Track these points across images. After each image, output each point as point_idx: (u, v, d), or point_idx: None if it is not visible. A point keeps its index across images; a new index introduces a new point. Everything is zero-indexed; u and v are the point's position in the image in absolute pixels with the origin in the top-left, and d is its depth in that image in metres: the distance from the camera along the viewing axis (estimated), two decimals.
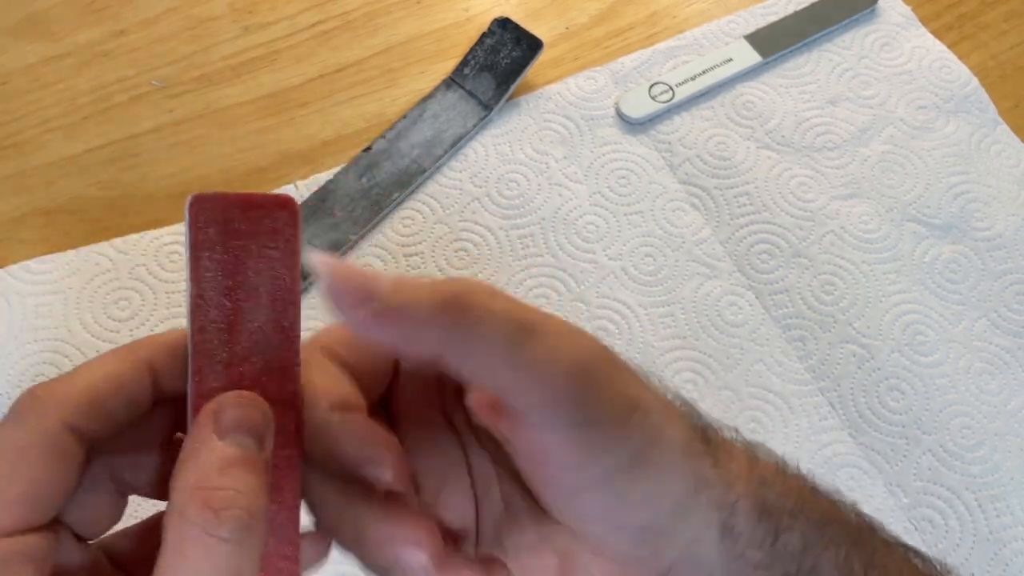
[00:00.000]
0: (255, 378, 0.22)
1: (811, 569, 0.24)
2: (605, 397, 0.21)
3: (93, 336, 0.46)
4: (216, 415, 0.20)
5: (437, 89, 0.55)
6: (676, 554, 0.23)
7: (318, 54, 0.57)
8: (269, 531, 0.20)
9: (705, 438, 0.24)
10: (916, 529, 0.43)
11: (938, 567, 0.28)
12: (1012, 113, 0.57)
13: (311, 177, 0.52)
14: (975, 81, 0.57)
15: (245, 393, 0.21)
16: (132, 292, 0.47)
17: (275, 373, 0.22)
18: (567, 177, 0.53)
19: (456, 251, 0.50)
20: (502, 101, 0.54)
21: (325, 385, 0.23)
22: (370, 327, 0.20)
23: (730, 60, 0.57)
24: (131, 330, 0.46)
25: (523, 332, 0.21)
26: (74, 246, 0.49)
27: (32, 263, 0.48)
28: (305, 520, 0.22)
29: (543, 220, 0.51)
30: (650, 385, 0.23)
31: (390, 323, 0.20)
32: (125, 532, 0.23)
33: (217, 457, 0.19)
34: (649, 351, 0.47)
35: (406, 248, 0.50)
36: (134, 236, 0.49)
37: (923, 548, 0.42)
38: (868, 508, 0.43)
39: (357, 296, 0.20)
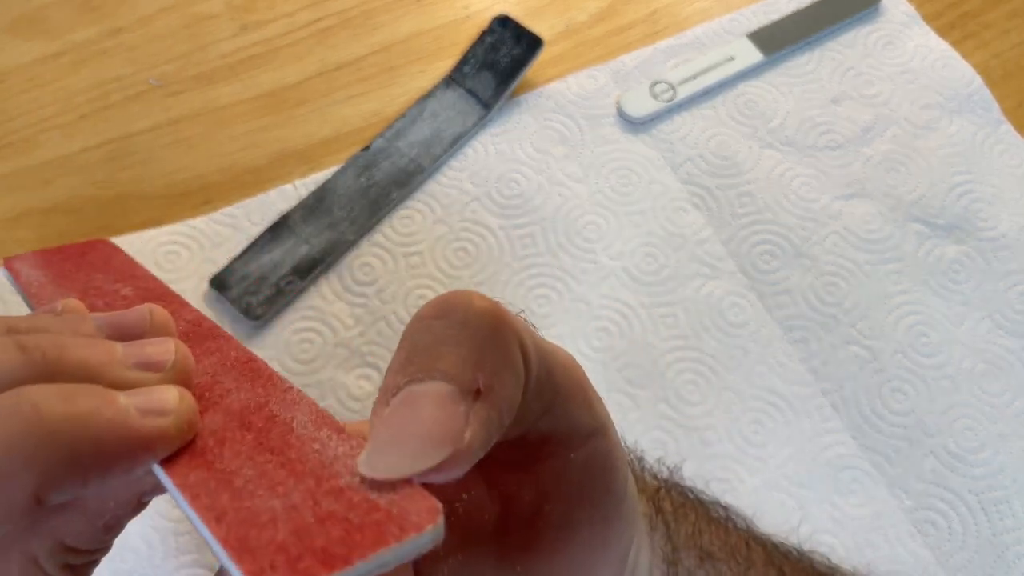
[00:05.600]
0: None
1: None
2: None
3: None
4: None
5: (436, 87, 0.55)
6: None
7: (316, 52, 0.56)
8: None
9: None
10: (919, 532, 0.43)
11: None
12: (1016, 112, 0.56)
13: (309, 176, 0.51)
14: (979, 80, 0.57)
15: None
16: None
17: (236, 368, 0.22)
18: (568, 176, 0.52)
19: (456, 251, 0.50)
20: (502, 100, 0.53)
21: None
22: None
23: (732, 58, 0.56)
24: None
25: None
26: None
27: None
28: None
29: (543, 220, 0.51)
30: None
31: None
32: None
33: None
34: (650, 352, 0.47)
35: (405, 248, 0.49)
36: (131, 236, 0.49)
37: (925, 551, 0.42)
38: (870, 511, 0.43)
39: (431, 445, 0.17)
